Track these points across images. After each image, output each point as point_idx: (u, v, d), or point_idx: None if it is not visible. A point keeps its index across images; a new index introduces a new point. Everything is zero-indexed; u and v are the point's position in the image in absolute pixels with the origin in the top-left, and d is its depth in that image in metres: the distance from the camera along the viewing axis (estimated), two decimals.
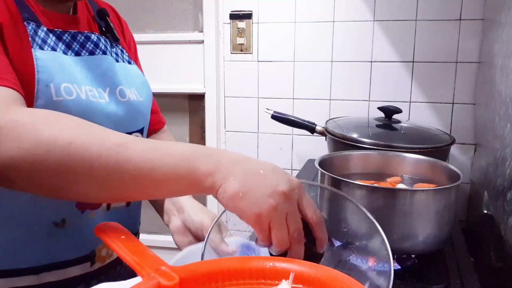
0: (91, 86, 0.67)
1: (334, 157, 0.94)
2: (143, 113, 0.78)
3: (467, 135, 1.42)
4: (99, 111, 0.66)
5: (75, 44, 0.68)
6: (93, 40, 0.71)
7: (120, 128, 0.67)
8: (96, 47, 0.71)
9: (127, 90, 0.74)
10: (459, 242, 0.92)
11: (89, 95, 0.65)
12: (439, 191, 0.75)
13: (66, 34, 0.67)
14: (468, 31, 1.38)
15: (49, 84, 0.60)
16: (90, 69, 0.68)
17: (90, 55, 0.69)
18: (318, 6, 1.51)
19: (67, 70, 0.64)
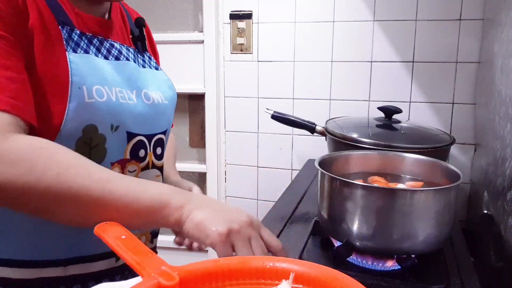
0: (121, 88, 0.70)
1: (334, 157, 0.94)
2: (167, 115, 0.81)
3: (467, 135, 1.42)
4: (128, 112, 0.70)
5: (102, 48, 0.71)
6: (116, 47, 0.74)
7: (145, 129, 0.74)
8: (120, 54, 0.74)
9: (152, 93, 0.77)
10: (459, 242, 0.92)
11: (119, 96, 0.69)
12: (439, 191, 0.75)
13: (96, 39, 0.70)
14: (468, 31, 1.38)
15: (82, 87, 0.63)
16: (118, 72, 0.72)
17: (116, 60, 0.73)
18: (318, 6, 1.51)
19: (98, 72, 0.67)
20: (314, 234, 0.91)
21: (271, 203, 1.15)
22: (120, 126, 0.68)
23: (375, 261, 0.79)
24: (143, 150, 0.74)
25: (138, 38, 0.83)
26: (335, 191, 0.80)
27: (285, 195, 1.20)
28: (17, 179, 0.51)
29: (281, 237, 0.91)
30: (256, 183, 1.71)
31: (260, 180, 1.71)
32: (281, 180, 1.64)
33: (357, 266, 0.80)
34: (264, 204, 1.71)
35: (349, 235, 0.77)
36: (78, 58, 0.64)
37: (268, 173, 1.69)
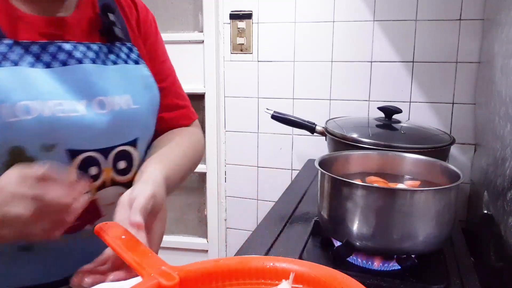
0: (62, 100, 0.61)
1: (334, 157, 0.94)
2: (137, 122, 0.71)
3: (467, 135, 1.42)
4: (69, 127, 0.61)
5: (45, 55, 0.62)
6: (66, 50, 0.64)
7: (97, 143, 0.64)
8: (70, 57, 0.64)
9: (112, 98, 0.67)
10: (459, 242, 0.92)
11: (55, 110, 0.60)
12: (439, 191, 0.75)
13: (34, 46, 0.62)
14: (468, 31, 1.38)
15: (1, 105, 0.56)
16: (63, 80, 0.63)
17: (62, 66, 0.63)
18: (318, 6, 1.51)
19: (28, 86, 0.59)
20: (314, 234, 0.91)
21: (271, 203, 1.15)
22: (57, 144, 0.60)
23: (375, 261, 0.79)
24: (95, 167, 0.65)
25: (108, 27, 0.71)
26: (335, 191, 0.80)
27: (285, 195, 1.20)
28: None
29: (281, 237, 0.91)
30: (256, 183, 1.71)
31: (260, 180, 1.71)
32: (281, 180, 1.64)
33: (357, 266, 0.80)
34: (264, 204, 1.71)
35: (349, 235, 0.77)
36: (1, 73, 0.57)
37: (268, 173, 1.69)
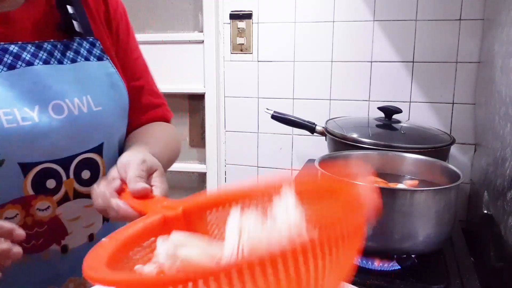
0: (11, 108, 0.55)
1: (334, 157, 0.94)
2: (101, 125, 0.64)
3: (467, 135, 1.42)
4: (20, 138, 0.55)
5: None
6: (12, 51, 0.57)
7: (55, 152, 0.58)
8: (17, 59, 0.57)
9: (70, 101, 0.60)
10: (459, 242, 0.92)
11: (3, 120, 0.54)
12: (439, 191, 0.75)
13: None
14: (468, 31, 1.38)
15: None
16: (11, 86, 0.56)
17: (9, 70, 0.56)
18: (318, 6, 1.51)
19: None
20: None
21: None
22: (7, 158, 0.54)
23: (375, 261, 0.79)
24: (53, 180, 0.59)
25: (65, 22, 0.63)
26: None
27: None
28: None
29: None
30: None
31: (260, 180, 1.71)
32: None
33: (357, 266, 0.80)
34: None
35: None
36: None
37: (268, 173, 1.69)
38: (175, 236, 0.40)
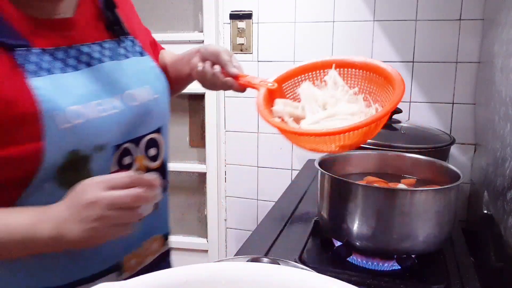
0: (100, 99, 0.63)
1: (334, 157, 0.94)
2: (159, 111, 0.74)
3: (467, 135, 1.42)
4: (114, 124, 0.64)
5: (70, 59, 0.63)
6: (84, 52, 0.65)
7: (131, 134, 0.67)
8: (91, 58, 0.65)
9: (137, 90, 0.70)
10: (459, 242, 0.92)
11: (98, 110, 0.62)
12: (439, 191, 0.75)
13: (59, 52, 0.62)
14: (468, 31, 1.38)
15: (53, 113, 0.57)
16: (94, 80, 0.64)
17: (87, 67, 0.64)
18: (318, 6, 1.51)
19: (69, 91, 0.60)
20: (314, 234, 0.91)
21: (271, 203, 1.15)
22: (106, 143, 0.63)
23: (375, 261, 0.79)
24: (129, 157, 0.68)
25: (113, 23, 0.72)
26: (335, 191, 0.80)
27: (285, 195, 1.20)
28: None
29: (281, 237, 0.91)
30: (256, 183, 1.71)
31: (260, 180, 1.71)
32: (281, 180, 1.64)
33: (357, 266, 0.80)
34: (264, 204, 1.71)
35: (349, 235, 0.77)
36: (42, 82, 0.57)
37: (268, 173, 1.69)
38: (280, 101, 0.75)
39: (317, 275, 0.40)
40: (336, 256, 0.81)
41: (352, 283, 0.38)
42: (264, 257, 0.58)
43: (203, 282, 0.40)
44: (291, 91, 0.80)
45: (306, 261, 0.80)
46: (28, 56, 0.57)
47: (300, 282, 0.39)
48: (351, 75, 0.77)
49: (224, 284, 0.40)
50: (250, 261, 0.57)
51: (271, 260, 0.57)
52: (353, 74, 0.77)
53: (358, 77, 0.76)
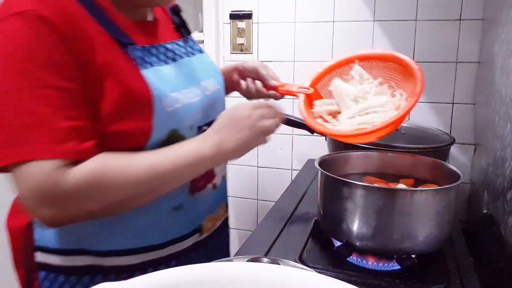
0: (187, 88, 0.76)
1: (334, 157, 0.94)
2: (221, 100, 0.88)
3: (467, 135, 1.42)
4: (198, 109, 0.77)
5: (161, 55, 0.75)
6: (169, 48, 0.78)
7: (207, 119, 0.80)
8: (175, 54, 0.78)
9: (207, 82, 0.83)
10: (459, 242, 0.92)
11: (188, 97, 0.75)
12: (439, 191, 0.75)
13: (153, 49, 0.74)
14: (468, 31, 1.38)
15: (161, 98, 0.69)
16: (179, 73, 0.76)
17: (173, 62, 0.77)
18: (318, 6, 1.51)
19: (167, 81, 0.72)
20: (314, 234, 0.91)
21: (271, 203, 1.15)
22: (194, 124, 0.76)
23: (375, 261, 0.79)
24: None
25: (180, 25, 0.87)
26: (335, 191, 0.80)
27: (285, 195, 1.20)
28: (80, 212, 0.63)
29: (281, 237, 0.91)
30: (256, 183, 1.71)
31: (260, 180, 1.71)
32: (281, 180, 1.64)
33: (357, 266, 0.80)
34: (264, 204, 1.71)
35: (349, 235, 0.77)
36: (150, 73, 0.69)
37: (268, 173, 1.69)
38: (317, 102, 0.86)
39: (317, 275, 0.40)
40: (336, 256, 0.81)
41: (352, 283, 0.38)
42: (264, 257, 0.58)
43: (203, 282, 0.40)
44: (324, 89, 0.89)
45: (306, 261, 0.80)
46: (135, 52, 0.69)
47: (300, 282, 0.39)
48: (372, 66, 0.87)
49: (224, 284, 0.40)
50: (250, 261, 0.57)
51: (271, 260, 0.57)
52: (374, 65, 0.86)
53: (379, 68, 0.86)
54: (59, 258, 0.73)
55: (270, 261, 0.56)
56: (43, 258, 0.74)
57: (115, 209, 0.67)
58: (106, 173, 0.63)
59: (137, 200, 0.68)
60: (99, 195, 0.63)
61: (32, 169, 0.59)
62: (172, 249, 0.78)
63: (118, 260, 0.74)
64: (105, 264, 0.73)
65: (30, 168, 0.59)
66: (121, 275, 0.74)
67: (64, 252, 0.73)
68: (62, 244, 0.73)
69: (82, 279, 0.73)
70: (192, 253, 0.82)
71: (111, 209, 0.67)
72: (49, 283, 0.74)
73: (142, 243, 0.75)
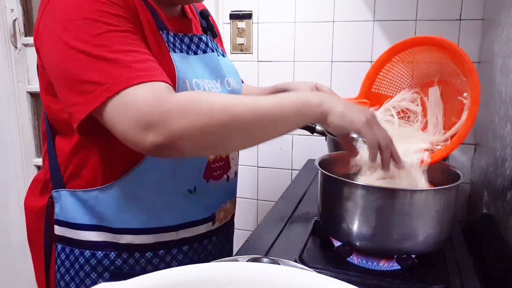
0: (209, 79, 0.80)
1: (334, 157, 0.94)
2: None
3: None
4: None
5: (192, 45, 0.81)
6: (204, 41, 0.84)
7: None
8: (207, 46, 0.84)
9: (231, 79, 0.88)
10: (459, 242, 0.92)
11: (209, 87, 0.79)
12: (439, 191, 0.75)
13: (186, 38, 0.80)
14: (468, 31, 1.38)
15: (185, 81, 0.74)
16: (206, 65, 0.81)
17: (203, 53, 0.82)
18: (318, 6, 1.51)
19: (193, 68, 0.77)
20: (314, 234, 0.91)
21: (271, 203, 1.15)
22: None
23: (375, 261, 0.79)
24: None
25: (207, 28, 0.92)
26: (335, 191, 0.80)
27: (285, 195, 1.20)
28: (194, 124, 0.61)
29: (281, 237, 0.91)
30: (256, 183, 1.71)
31: (260, 180, 1.71)
32: (281, 180, 1.64)
33: (357, 266, 0.80)
34: (264, 204, 1.71)
35: (349, 235, 0.77)
36: (178, 57, 0.75)
37: (268, 173, 1.69)
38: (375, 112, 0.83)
39: (317, 275, 0.40)
40: (336, 256, 0.81)
41: (352, 283, 0.38)
42: (264, 257, 0.58)
43: (203, 282, 0.40)
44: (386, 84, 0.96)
45: (306, 261, 0.80)
46: (168, 36, 0.76)
47: (300, 282, 0.39)
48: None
49: (224, 284, 0.40)
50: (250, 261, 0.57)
51: (271, 260, 0.57)
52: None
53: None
54: (77, 233, 0.78)
55: (270, 261, 0.56)
56: (61, 232, 0.79)
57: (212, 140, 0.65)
58: (207, 97, 0.65)
59: (232, 135, 0.66)
60: (197, 115, 0.62)
61: (131, 96, 0.62)
62: (185, 233, 0.82)
63: (132, 238, 0.78)
64: (120, 242, 0.78)
65: (130, 96, 0.62)
66: (134, 253, 0.79)
67: (82, 226, 0.78)
68: (80, 219, 0.78)
69: (96, 254, 0.78)
70: (204, 241, 0.86)
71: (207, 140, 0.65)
72: (65, 256, 0.80)
73: (156, 223, 0.79)
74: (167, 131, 0.61)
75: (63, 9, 0.65)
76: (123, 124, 0.62)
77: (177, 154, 0.66)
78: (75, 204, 0.78)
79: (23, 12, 1.86)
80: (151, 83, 0.63)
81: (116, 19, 0.66)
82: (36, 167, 1.97)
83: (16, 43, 1.86)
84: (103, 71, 0.62)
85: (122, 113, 0.62)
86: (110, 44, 0.64)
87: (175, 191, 0.79)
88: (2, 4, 1.83)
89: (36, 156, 1.97)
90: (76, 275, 0.79)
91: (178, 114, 0.61)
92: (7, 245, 2.01)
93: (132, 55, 0.64)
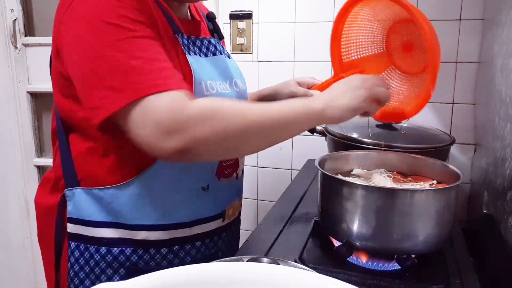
0: (220, 81, 0.83)
1: (334, 157, 0.94)
2: (246, 99, 0.97)
3: (467, 135, 1.42)
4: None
5: (203, 47, 0.84)
6: (213, 43, 0.87)
7: None
8: (216, 49, 0.87)
9: (238, 80, 0.91)
10: (459, 242, 0.92)
11: (220, 88, 0.82)
12: (439, 191, 0.75)
13: (198, 40, 0.83)
14: (468, 31, 1.38)
15: (201, 82, 0.77)
16: (216, 66, 0.85)
17: (213, 56, 0.86)
18: (318, 6, 1.51)
19: (205, 70, 0.80)
20: (314, 234, 0.91)
21: (271, 203, 1.15)
22: None
23: (375, 261, 0.79)
24: None
25: (214, 30, 0.94)
26: (335, 191, 0.80)
27: (285, 195, 1.20)
28: (213, 130, 0.64)
29: (281, 237, 0.91)
30: (256, 183, 1.71)
31: (260, 180, 1.71)
32: (281, 180, 1.64)
33: (357, 266, 0.80)
34: (264, 204, 1.71)
35: (349, 235, 0.77)
36: (193, 59, 0.77)
37: (268, 173, 1.69)
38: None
39: (317, 275, 0.40)
40: (336, 256, 0.81)
41: (352, 283, 0.38)
42: (264, 257, 0.58)
43: (203, 282, 0.40)
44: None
45: (306, 261, 0.80)
46: (183, 39, 0.79)
47: (300, 282, 0.39)
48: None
49: (224, 284, 0.40)
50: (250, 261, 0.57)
51: (271, 260, 0.57)
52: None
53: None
54: (92, 230, 0.79)
55: (270, 261, 0.56)
56: (75, 230, 0.80)
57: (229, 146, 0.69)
58: (223, 105, 0.68)
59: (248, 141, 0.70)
60: (217, 121, 0.65)
61: (152, 103, 0.64)
62: (198, 229, 0.85)
63: (147, 234, 0.80)
64: (135, 238, 0.80)
65: (150, 102, 0.64)
66: (149, 249, 0.81)
67: (98, 224, 0.79)
68: (96, 216, 0.79)
69: (112, 250, 0.79)
70: (215, 237, 0.89)
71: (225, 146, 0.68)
72: (79, 253, 0.80)
73: (170, 219, 0.81)
74: (187, 138, 0.64)
75: (87, 13, 0.68)
76: (144, 130, 0.64)
77: (195, 159, 0.69)
78: (90, 202, 0.79)
79: (23, 12, 1.86)
80: (171, 92, 0.65)
81: (138, 25, 0.68)
82: (36, 167, 1.97)
83: (16, 43, 1.86)
84: (127, 76, 0.65)
85: (142, 119, 0.64)
86: (133, 50, 0.66)
87: (189, 188, 0.82)
88: (2, 4, 1.84)
89: (36, 156, 1.97)
90: (91, 272, 0.80)
91: (197, 121, 0.64)
92: (7, 245, 2.02)
93: (153, 61, 0.67)
